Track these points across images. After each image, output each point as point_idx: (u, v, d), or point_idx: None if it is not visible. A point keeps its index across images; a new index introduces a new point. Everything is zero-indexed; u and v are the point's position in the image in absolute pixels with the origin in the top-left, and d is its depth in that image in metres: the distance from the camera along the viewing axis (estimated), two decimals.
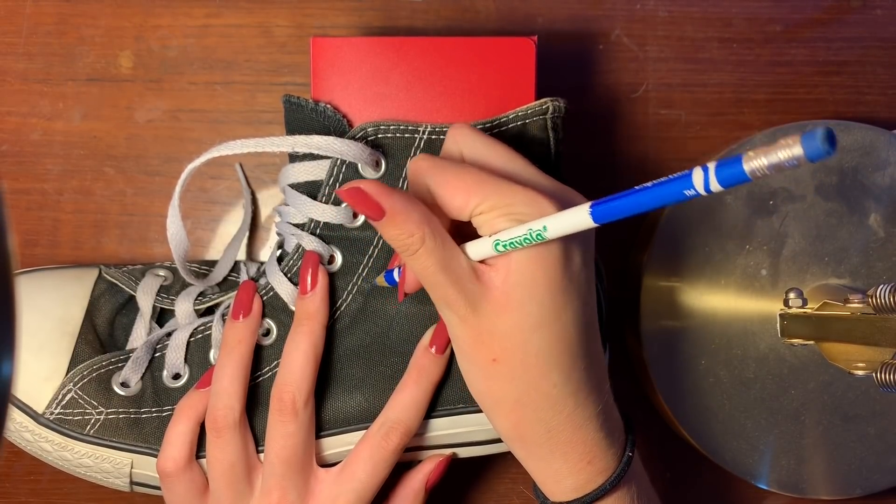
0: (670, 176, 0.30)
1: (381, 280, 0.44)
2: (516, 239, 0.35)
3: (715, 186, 0.28)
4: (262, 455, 0.45)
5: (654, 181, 0.30)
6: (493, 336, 0.37)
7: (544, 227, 0.34)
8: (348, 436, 0.46)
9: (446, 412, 0.46)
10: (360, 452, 0.44)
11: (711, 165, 0.28)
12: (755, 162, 0.26)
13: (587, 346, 0.38)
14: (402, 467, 0.47)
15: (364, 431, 0.45)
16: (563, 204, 0.36)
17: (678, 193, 0.29)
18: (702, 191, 0.28)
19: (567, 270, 0.37)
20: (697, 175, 0.28)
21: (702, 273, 0.51)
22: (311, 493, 0.44)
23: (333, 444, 0.46)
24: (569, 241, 0.37)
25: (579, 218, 0.33)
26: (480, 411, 0.46)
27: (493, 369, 0.38)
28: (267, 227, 0.55)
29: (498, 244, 0.36)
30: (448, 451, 0.47)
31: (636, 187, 0.31)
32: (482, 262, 0.37)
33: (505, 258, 0.36)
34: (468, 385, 0.40)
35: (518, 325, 0.37)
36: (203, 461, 0.46)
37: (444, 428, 0.46)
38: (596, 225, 0.33)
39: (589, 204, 0.33)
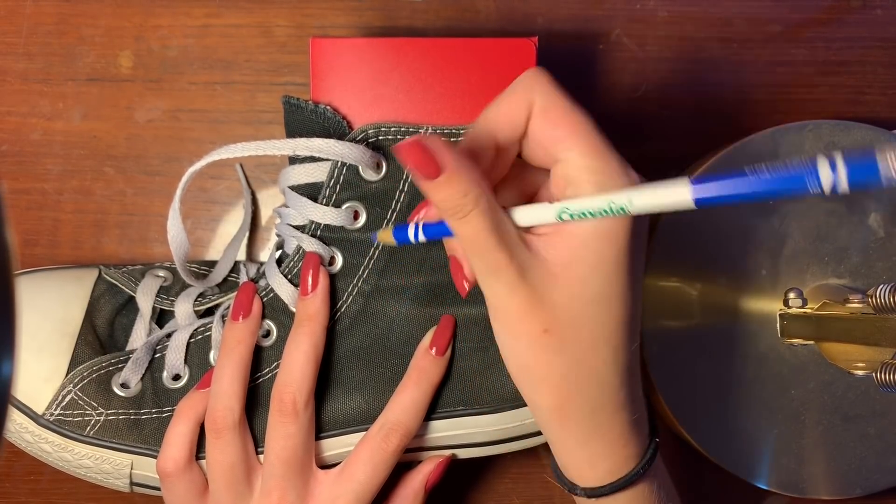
0: (789, 166, 0.26)
1: (386, 235, 0.41)
2: (589, 209, 0.33)
3: (843, 188, 0.25)
4: (261, 456, 0.45)
5: (771, 168, 0.27)
6: (545, 305, 0.36)
7: (629, 202, 0.32)
8: (347, 437, 0.46)
9: (446, 414, 0.46)
10: (360, 454, 0.44)
11: (840, 161, 0.25)
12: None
13: (636, 326, 0.38)
14: (401, 468, 0.47)
15: (363, 433, 0.45)
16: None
17: (800, 186, 0.26)
18: (827, 189, 0.25)
19: (636, 250, 0.36)
20: (824, 169, 0.25)
21: (702, 273, 0.51)
22: (311, 494, 0.44)
23: (333, 446, 0.46)
24: (638, 226, 0.35)
25: (677, 196, 0.29)
26: (480, 413, 0.46)
27: (544, 340, 0.36)
28: (267, 227, 0.55)
29: (564, 212, 0.33)
30: (448, 452, 0.47)
31: (746, 170, 0.27)
32: (527, 230, 0.36)
33: (567, 230, 0.35)
34: (509, 362, 0.38)
35: (576, 297, 0.36)
36: (203, 462, 0.46)
37: (444, 430, 0.46)
38: (695, 207, 0.29)
39: (688, 180, 0.29)
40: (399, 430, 0.44)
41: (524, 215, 0.36)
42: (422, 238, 0.39)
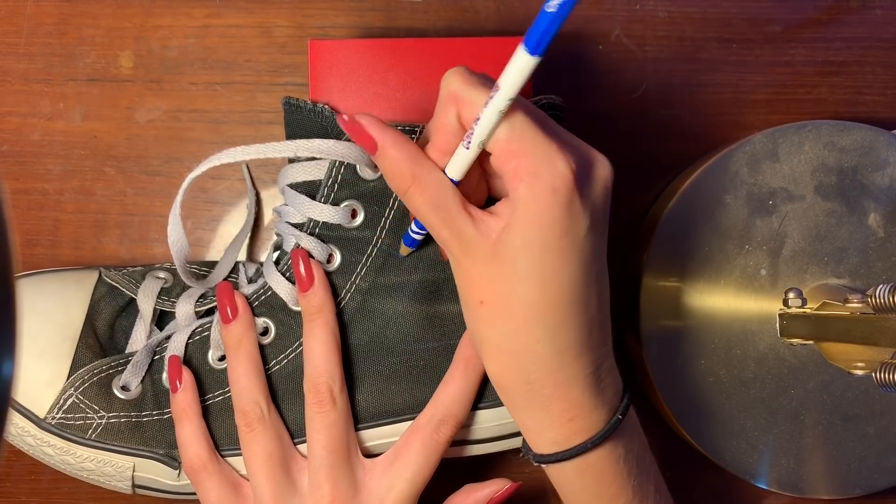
0: None
1: (404, 249, 0.45)
2: (488, 123, 0.35)
3: None
4: (300, 447, 0.46)
5: None
6: (482, 278, 0.38)
7: (500, 88, 0.35)
8: None
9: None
10: (411, 445, 0.44)
11: None
12: None
13: (583, 309, 0.38)
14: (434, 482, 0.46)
15: (362, 431, 0.46)
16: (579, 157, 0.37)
17: None
18: None
19: (569, 235, 0.37)
20: None
21: (701, 273, 0.51)
22: (362, 484, 0.45)
23: None
24: (576, 207, 0.36)
25: (519, 58, 0.34)
26: (489, 407, 0.46)
27: (480, 311, 0.39)
28: (269, 228, 0.55)
29: (473, 143, 0.36)
30: (518, 482, 0.47)
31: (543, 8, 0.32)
32: (487, 210, 0.38)
33: (507, 213, 0.37)
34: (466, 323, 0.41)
35: (504, 275, 0.37)
36: (232, 460, 0.46)
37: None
38: (536, 56, 0.33)
39: (521, 42, 0.34)
40: (450, 421, 0.44)
41: (453, 168, 0.38)
42: (415, 228, 0.43)
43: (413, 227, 0.43)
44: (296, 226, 0.45)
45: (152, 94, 0.55)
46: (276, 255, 0.47)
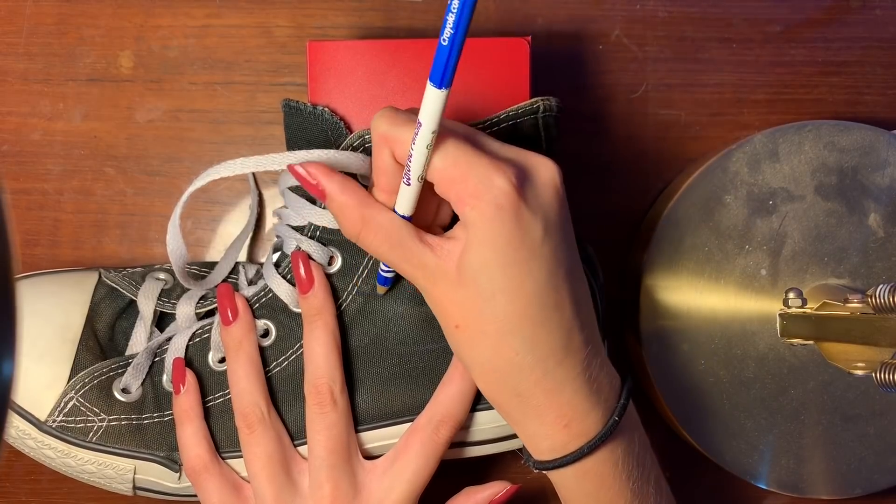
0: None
1: (380, 289, 0.45)
2: (419, 155, 0.36)
3: None
4: (300, 449, 0.46)
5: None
6: (452, 303, 0.39)
7: (420, 124, 0.35)
8: None
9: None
10: (411, 445, 0.45)
11: None
12: None
13: (557, 313, 0.39)
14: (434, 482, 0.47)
15: (362, 433, 0.46)
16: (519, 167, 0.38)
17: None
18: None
19: (524, 245, 0.37)
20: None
21: (701, 273, 0.51)
22: (362, 485, 0.45)
23: None
24: (525, 217, 0.37)
25: (430, 94, 0.35)
26: (488, 409, 0.46)
27: (458, 335, 0.39)
28: (271, 228, 0.55)
29: (412, 177, 0.37)
30: (518, 484, 0.47)
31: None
32: (442, 235, 0.39)
33: (462, 237, 0.38)
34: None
35: (471, 296, 0.38)
36: (233, 462, 0.46)
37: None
38: (443, 89, 0.34)
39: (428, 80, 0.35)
40: (449, 422, 0.45)
41: (402, 204, 0.39)
42: (384, 267, 0.44)
43: (382, 266, 0.44)
44: (296, 229, 0.45)
45: (152, 94, 0.55)
46: (276, 256, 0.47)
